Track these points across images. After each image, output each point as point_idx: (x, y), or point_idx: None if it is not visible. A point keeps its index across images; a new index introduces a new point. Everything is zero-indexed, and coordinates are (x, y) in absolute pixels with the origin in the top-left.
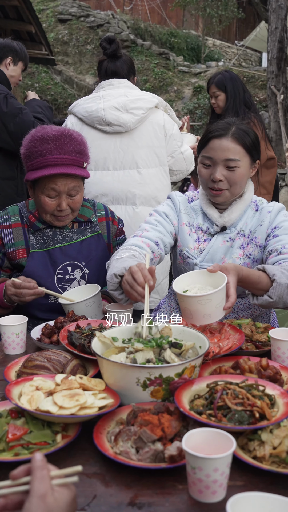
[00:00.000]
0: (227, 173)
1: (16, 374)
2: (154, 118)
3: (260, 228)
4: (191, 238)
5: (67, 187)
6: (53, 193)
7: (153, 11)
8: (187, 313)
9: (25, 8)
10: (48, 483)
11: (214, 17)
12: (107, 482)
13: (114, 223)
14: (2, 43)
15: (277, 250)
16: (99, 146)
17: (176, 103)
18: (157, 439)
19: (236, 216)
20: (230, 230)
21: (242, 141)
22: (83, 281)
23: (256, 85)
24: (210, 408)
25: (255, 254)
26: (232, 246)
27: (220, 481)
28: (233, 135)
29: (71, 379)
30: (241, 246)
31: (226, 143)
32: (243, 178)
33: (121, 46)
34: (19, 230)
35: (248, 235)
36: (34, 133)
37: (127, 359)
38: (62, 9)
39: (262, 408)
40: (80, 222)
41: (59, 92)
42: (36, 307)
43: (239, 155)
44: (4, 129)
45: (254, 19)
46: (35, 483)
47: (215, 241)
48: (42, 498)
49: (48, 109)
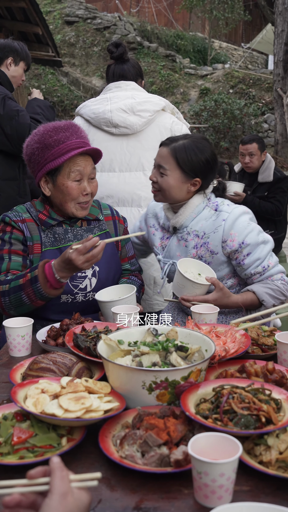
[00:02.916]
0: (159, 178)
1: (21, 377)
2: (161, 121)
3: (213, 235)
4: (155, 237)
5: (89, 168)
6: (78, 176)
7: (160, 13)
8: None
9: (32, 10)
10: (68, 483)
11: (221, 20)
12: (112, 486)
13: (121, 222)
14: (2, 43)
15: (259, 272)
16: (105, 148)
17: (182, 105)
18: (162, 443)
19: (183, 218)
20: (181, 230)
21: (175, 155)
22: (94, 279)
23: (262, 87)
24: (216, 412)
25: (206, 257)
26: (186, 245)
27: (226, 486)
28: (172, 148)
29: (77, 382)
30: (194, 246)
31: (164, 152)
32: (171, 188)
33: (127, 50)
34: (33, 225)
35: (202, 237)
36: (43, 127)
37: (133, 362)
38: (69, 11)
39: (268, 413)
40: (88, 220)
41: (66, 93)
42: (48, 308)
43: (168, 165)
44: (2, 132)
45: (260, 22)
46: (56, 481)
47: (172, 240)
48: (63, 496)
49: (49, 108)
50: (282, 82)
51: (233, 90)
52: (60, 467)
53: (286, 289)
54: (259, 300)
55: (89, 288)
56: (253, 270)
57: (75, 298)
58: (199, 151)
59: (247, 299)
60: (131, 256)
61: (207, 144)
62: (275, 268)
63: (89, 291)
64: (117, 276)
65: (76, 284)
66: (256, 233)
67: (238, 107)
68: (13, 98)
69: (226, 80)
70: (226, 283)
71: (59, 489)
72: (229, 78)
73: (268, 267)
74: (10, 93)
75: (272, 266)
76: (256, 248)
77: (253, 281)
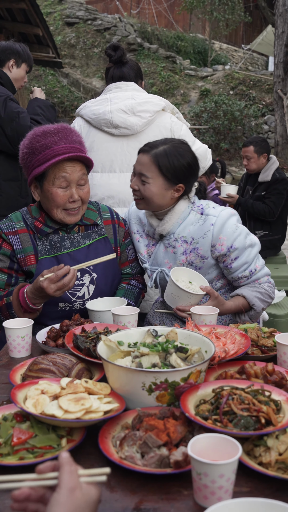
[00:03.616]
0: (141, 186)
1: (21, 378)
2: (161, 121)
3: (203, 241)
4: (141, 244)
5: (76, 174)
6: (64, 183)
7: (160, 14)
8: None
9: (32, 11)
10: (77, 477)
11: (221, 21)
12: (112, 487)
13: (121, 225)
14: (4, 45)
15: (247, 276)
16: (106, 148)
17: (183, 107)
18: (162, 444)
19: (169, 225)
20: (168, 237)
21: (158, 163)
22: (92, 286)
23: (263, 89)
24: (216, 413)
25: (196, 263)
26: (175, 252)
27: (225, 487)
28: (153, 154)
29: (77, 383)
30: (184, 253)
31: (145, 159)
32: (154, 196)
33: (126, 52)
34: (26, 236)
35: (190, 242)
36: (33, 131)
37: (132, 363)
38: (70, 12)
39: (268, 414)
40: (86, 225)
41: (66, 94)
42: (46, 315)
43: (150, 173)
44: (2, 133)
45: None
46: (65, 476)
47: (159, 247)
48: (72, 491)
49: (50, 108)
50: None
51: (233, 92)
52: (69, 462)
53: (272, 291)
54: (249, 305)
55: (87, 296)
56: (240, 274)
57: (73, 306)
58: (180, 156)
59: (239, 304)
60: (131, 260)
61: (187, 148)
62: (261, 271)
63: (87, 299)
64: (116, 281)
65: (73, 292)
66: (244, 236)
67: (238, 108)
68: (15, 99)
69: (226, 81)
70: (216, 284)
71: (68, 483)
72: (229, 79)
73: (255, 270)
74: (12, 95)
75: (259, 269)
76: (244, 252)
77: (240, 284)
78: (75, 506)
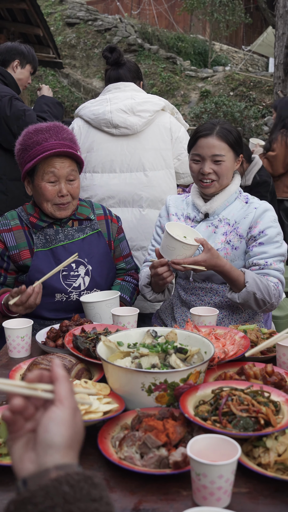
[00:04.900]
0: (214, 167)
1: (21, 378)
2: (161, 120)
3: (243, 221)
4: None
5: (65, 170)
6: (52, 178)
7: (161, 15)
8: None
9: (33, 12)
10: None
11: (222, 22)
12: (111, 487)
13: (114, 221)
14: (9, 46)
15: (260, 265)
16: (106, 148)
17: (183, 107)
18: (161, 444)
19: (217, 204)
20: (212, 217)
21: (226, 139)
22: (87, 277)
23: (263, 90)
24: (215, 414)
25: (234, 242)
26: (215, 232)
27: (224, 488)
28: (217, 133)
29: (76, 383)
30: (224, 233)
31: (212, 141)
32: (229, 171)
33: (123, 53)
34: (20, 232)
35: (232, 225)
36: (27, 129)
37: (132, 364)
38: (70, 12)
39: (267, 415)
40: (79, 220)
41: (66, 95)
42: (43, 306)
43: (224, 151)
44: (8, 131)
45: (261, 24)
46: (67, 393)
47: (200, 226)
48: (75, 412)
49: (57, 105)
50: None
51: (234, 93)
52: (66, 376)
53: (275, 295)
54: (244, 282)
55: (82, 287)
56: (255, 260)
57: (69, 297)
58: (234, 128)
59: (235, 271)
60: (126, 255)
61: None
62: (275, 272)
63: (82, 290)
64: (111, 274)
65: (69, 283)
66: (277, 232)
67: (239, 109)
68: (20, 98)
69: (227, 82)
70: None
71: (71, 402)
72: (229, 80)
73: (270, 265)
74: (17, 94)
75: (274, 268)
76: (269, 244)
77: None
78: (77, 429)
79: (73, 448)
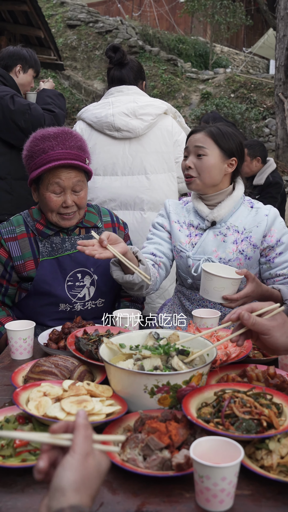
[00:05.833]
0: (196, 161)
1: (23, 380)
2: (163, 124)
3: (256, 229)
4: (181, 234)
5: (71, 181)
6: (58, 189)
7: (162, 17)
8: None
9: (34, 14)
10: (91, 443)
11: (222, 24)
12: (114, 489)
13: (121, 228)
14: (11, 51)
15: (285, 275)
16: (108, 151)
17: (184, 109)
18: (164, 446)
19: (225, 212)
20: (220, 225)
21: (213, 135)
22: (92, 288)
23: (264, 92)
24: (218, 416)
25: (247, 252)
26: (225, 240)
27: (227, 490)
28: (205, 130)
29: (79, 385)
30: (234, 242)
31: (199, 135)
32: (211, 168)
33: (126, 53)
34: (25, 241)
35: (242, 232)
36: (35, 133)
37: (134, 366)
38: (71, 14)
39: (269, 417)
40: (86, 228)
41: (67, 97)
42: (46, 315)
43: (207, 144)
44: (16, 127)
45: (262, 26)
46: (79, 440)
47: (207, 235)
48: (86, 457)
49: (59, 96)
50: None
51: (234, 95)
52: (85, 425)
53: None
54: (283, 299)
55: (87, 297)
56: (280, 271)
57: (74, 307)
58: (231, 131)
59: (274, 292)
60: None
61: (235, 128)
62: None
63: (87, 300)
64: (117, 283)
65: (74, 294)
66: None
67: (239, 111)
68: (22, 97)
69: (228, 84)
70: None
71: (82, 448)
72: (230, 82)
73: None
74: (18, 93)
75: None
76: None
77: (275, 283)
78: (87, 473)
79: (80, 492)
